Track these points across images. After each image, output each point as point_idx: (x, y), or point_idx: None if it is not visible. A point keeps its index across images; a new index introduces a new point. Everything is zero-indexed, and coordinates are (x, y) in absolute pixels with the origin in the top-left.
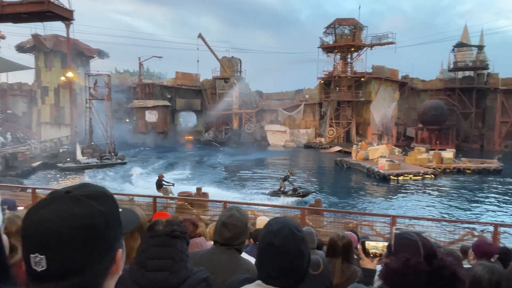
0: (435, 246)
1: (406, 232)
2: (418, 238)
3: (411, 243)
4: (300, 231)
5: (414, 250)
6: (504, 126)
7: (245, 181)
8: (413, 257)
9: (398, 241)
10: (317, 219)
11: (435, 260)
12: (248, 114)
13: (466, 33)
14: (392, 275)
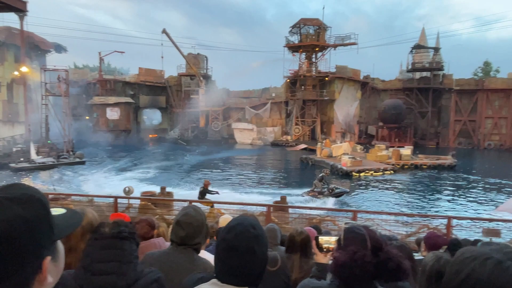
0: (381, 239)
1: (354, 226)
2: (366, 231)
3: (359, 237)
4: (255, 229)
5: (361, 243)
6: (457, 124)
7: (214, 180)
8: (360, 250)
9: (347, 235)
10: (282, 216)
11: (381, 252)
12: (215, 112)
13: (423, 36)
14: (340, 268)
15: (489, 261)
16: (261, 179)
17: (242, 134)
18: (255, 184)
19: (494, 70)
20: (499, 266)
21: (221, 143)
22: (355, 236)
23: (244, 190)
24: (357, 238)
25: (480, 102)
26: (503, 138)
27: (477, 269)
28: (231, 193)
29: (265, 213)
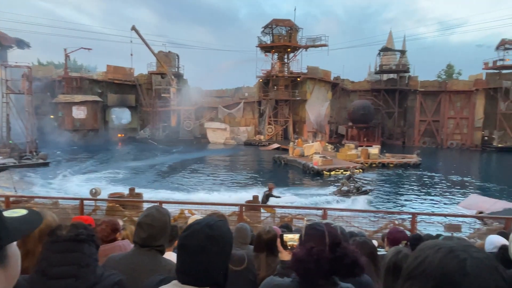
0: (340, 236)
1: (315, 223)
2: (326, 228)
3: (318, 233)
4: (211, 229)
5: (320, 239)
6: (422, 124)
7: (187, 181)
8: (317, 246)
9: (307, 231)
10: (254, 215)
11: (338, 248)
12: (187, 111)
13: (391, 39)
14: (298, 264)
15: (442, 249)
16: (235, 178)
17: (215, 133)
18: (229, 184)
19: (456, 72)
20: (450, 254)
21: (194, 142)
22: (314, 233)
23: (218, 189)
24: (316, 234)
25: (443, 103)
26: (464, 137)
27: (431, 255)
28: (205, 194)
29: (237, 213)
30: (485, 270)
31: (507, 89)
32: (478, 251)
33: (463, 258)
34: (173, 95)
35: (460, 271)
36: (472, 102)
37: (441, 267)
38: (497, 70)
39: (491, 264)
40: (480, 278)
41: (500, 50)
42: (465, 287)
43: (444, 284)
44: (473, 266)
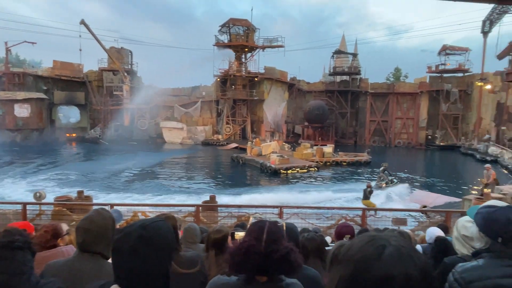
0: (281, 233)
1: (260, 220)
2: (267, 225)
3: (257, 229)
4: (147, 230)
5: (257, 235)
6: (372, 124)
7: (141, 182)
8: (252, 241)
9: (249, 228)
10: (211, 215)
11: (273, 244)
12: (141, 109)
13: (343, 42)
14: (229, 258)
15: (366, 238)
16: (193, 178)
17: (171, 133)
18: (187, 184)
19: (403, 75)
20: (371, 241)
21: (149, 142)
22: (254, 229)
23: (174, 190)
24: (255, 230)
25: (391, 104)
26: (410, 136)
27: (356, 243)
28: (161, 195)
29: (193, 214)
30: (399, 256)
31: (448, 91)
32: (398, 240)
33: (381, 244)
34: (126, 93)
35: (375, 256)
36: (417, 103)
37: (360, 252)
38: (439, 73)
39: (407, 252)
40: (392, 263)
41: (442, 55)
42: (377, 270)
43: (360, 266)
44: (389, 253)
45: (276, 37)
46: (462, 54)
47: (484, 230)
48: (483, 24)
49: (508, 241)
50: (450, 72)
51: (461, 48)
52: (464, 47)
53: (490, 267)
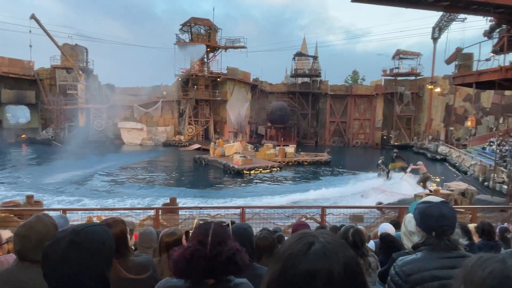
0: (226, 234)
1: (205, 222)
2: (213, 226)
3: (202, 232)
4: (79, 235)
5: (202, 238)
6: (332, 125)
7: (98, 185)
8: (196, 244)
9: (194, 230)
10: (172, 218)
11: (218, 246)
12: (97, 109)
13: (304, 44)
14: (174, 264)
15: (297, 235)
16: (153, 180)
17: (130, 134)
18: (147, 187)
19: (360, 78)
20: (301, 238)
21: (106, 143)
22: (198, 232)
23: (134, 193)
24: (199, 234)
25: (349, 105)
26: (367, 137)
27: (287, 240)
28: (120, 199)
29: (152, 217)
30: (323, 252)
31: (401, 94)
32: (327, 237)
33: (309, 241)
34: (81, 92)
35: (302, 252)
36: (373, 105)
37: (290, 249)
38: (393, 77)
39: (332, 248)
40: (317, 259)
41: (396, 59)
42: (302, 266)
43: (288, 263)
44: (315, 249)
45: (238, 37)
46: (414, 58)
47: (420, 224)
48: (433, 31)
49: (441, 234)
50: (403, 76)
51: (413, 53)
52: (416, 52)
53: (427, 259)
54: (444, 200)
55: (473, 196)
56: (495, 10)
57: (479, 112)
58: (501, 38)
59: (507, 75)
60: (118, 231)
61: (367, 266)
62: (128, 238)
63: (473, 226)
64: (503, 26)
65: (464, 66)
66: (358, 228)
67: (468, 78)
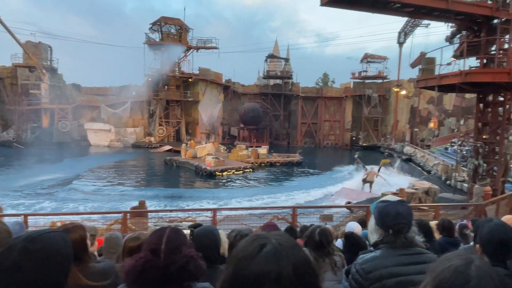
0: (182, 241)
1: (160, 228)
2: (166, 233)
3: (155, 240)
4: (34, 242)
5: (155, 247)
6: (303, 126)
7: (63, 189)
8: (148, 256)
9: (148, 239)
10: (141, 222)
11: (173, 255)
12: (62, 110)
13: (276, 47)
14: (126, 276)
15: (250, 237)
16: (122, 184)
17: (97, 135)
18: (115, 190)
19: (330, 80)
20: (254, 240)
21: (71, 145)
22: (151, 240)
23: (101, 198)
24: (152, 242)
25: (320, 107)
26: (337, 138)
27: (241, 243)
28: (86, 203)
29: (120, 221)
30: (274, 254)
31: (369, 96)
32: (279, 239)
33: (261, 243)
34: (44, 92)
35: (253, 254)
36: (343, 107)
37: (242, 251)
38: (362, 79)
39: (283, 249)
40: (267, 261)
41: (364, 62)
42: (253, 268)
43: (240, 265)
44: (265, 251)
45: (210, 38)
46: (381, 62)
47: (378, 223)
48: (398, 35)
49: (397, 232)
50: (371, 79)
51: (380, 57)
52: (383, 56)
53: (386, 257)
54: (401, 199)
55: (436, 195)
56: (456, 17)
57: (441, 114)
58: (461, 44)
59: (467, 79)
60: (77, 237)
61: (333, 264)
62: (88, 244)
63: (435, 224)
64: (463, 32)
65: (427, 70)
66: (325, 227)
67: (430, 82)
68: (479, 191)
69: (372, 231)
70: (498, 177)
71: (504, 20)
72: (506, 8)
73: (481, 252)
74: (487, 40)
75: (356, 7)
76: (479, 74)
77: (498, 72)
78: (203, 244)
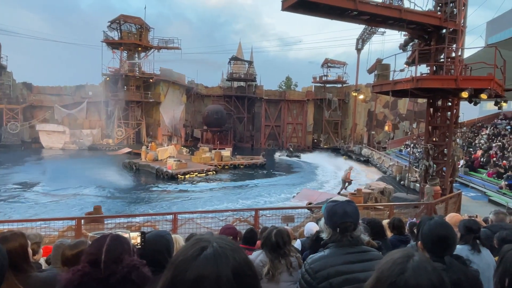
0: (124, 249)
1: (100, 237)
2: (107, 242)
3: (94, 251)
4: None
5: (94, 258)
6: (267, 128)
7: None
8: (86, 268)
9: (87, 249)
10: (96, 228)
11: (113, 265)
12: (11, 110)
13: (240, 49)
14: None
15: (192, 240)
16: (77, 188)
17: (50, 137)
18: (70, 197)
19: (293, 84)
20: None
21: (22, 148)
22: (90, 251)
23: (56, 204)
24: (91, 253)
25: (283, 110)
26: (300, 140)
27: (183, 246)
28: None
29: (74, 227)
30: (213, 257)
31: (329, 100)
32: (220, 242)
33: (202, 246)
34: None
35: (192, 258)
36: (305, 110)
37: (182, 255)
38: (322, 84)
39: (224, 252)
40: (206, 264)
41: (324, 67)
42: (192, 272)
43: (179, 268)
44: (205, 254)
45: (172, 38)
46: (341, 67)
47: (327, 221)
48: (357, 42)
49: (344, 231)
50: (331, 83)
51: (340, 62)
52: (342, 61)
53: (333, 256)
54: (349, 199)
55: (390, 194)
56: (408, 26)
57: (396, 117)
58: (414, 51)
59: (418, 85)
60: (16, 246)
61: (289, 265)
62: (29, 252)
63: (386, 222)
64: (415, 41)
65: (382, 76)
66: (281, 229)
67: (385, 87)
68: (429, 191)
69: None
70: (447, 177)
71: (451, 30)
72: (453, 19)
73: (422, 248)
74: (437, 48)
75: (316, 13)
76: (429, 80)
77: (446, 79)
78: (154, 249)
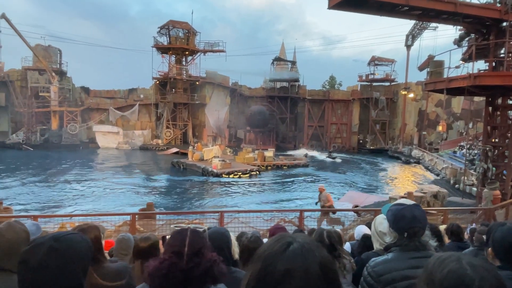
0: (203, 244)
1: (181, 229)
2: (188, 235)
3: (178, 242)
4: (59, 242)
5: (178, 249)
6: (310, 129)
7: (70, 190)
8: (173, 258)
9: (170, 240)
10: (149, 223)
11: (196, 258)
12: (71, 112)
13: (283, 49)
14: (150, 277)
15: (275, 237)
16: (130, 185)
17: (105, 137)
18: (123, 192)
19: (337, 83)
20: (279, 240)
21: (80, 147)
22: (174, 242)
23: (110, 199)
24: (175, 244)
25: (327, 110)
26: (344, 140)
27: (267, 242)
28: (94, 205)
29: (129, 222)
30: (301, 252)
31: (376, 99)
32: (304, 238)
33: (287, 241)
34: (54, 95)
35: (280, 252)
36: (350, 110)
37: (269, 249)
38: (369, 82)
39: (310, 248)
40: (294, 258)
41: (371, 65)
42: (281, 265)
43: (267, 262)
44: (292, 249)
45: (217, 41)
46: (389, 64)
47: (393, 225)
48: (406, 38)
49: (412, 235)
50: (379, 81)
51: (388, 60)
52: (390, 59)
53: (398, 260)
54: (416, 203)
55: (444, 198)
56: (464, 20)
57: (450, 117)
58: (470, 47)
59: (475, 82)
60: (92, 237)
61: (342, 267)
62: (103, 244)
63: (443, 228)
64: (472, 35)
65: (435, 73)
66: (332, 229)
67: (439, 85)
68: (488, 195)
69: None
70: (508, 181)
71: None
72: None
73: (493, 255)
74: (496, 43)
75: (364, 10)
76: (488, 77)
77: (508, 75)
78: (215, 246)
